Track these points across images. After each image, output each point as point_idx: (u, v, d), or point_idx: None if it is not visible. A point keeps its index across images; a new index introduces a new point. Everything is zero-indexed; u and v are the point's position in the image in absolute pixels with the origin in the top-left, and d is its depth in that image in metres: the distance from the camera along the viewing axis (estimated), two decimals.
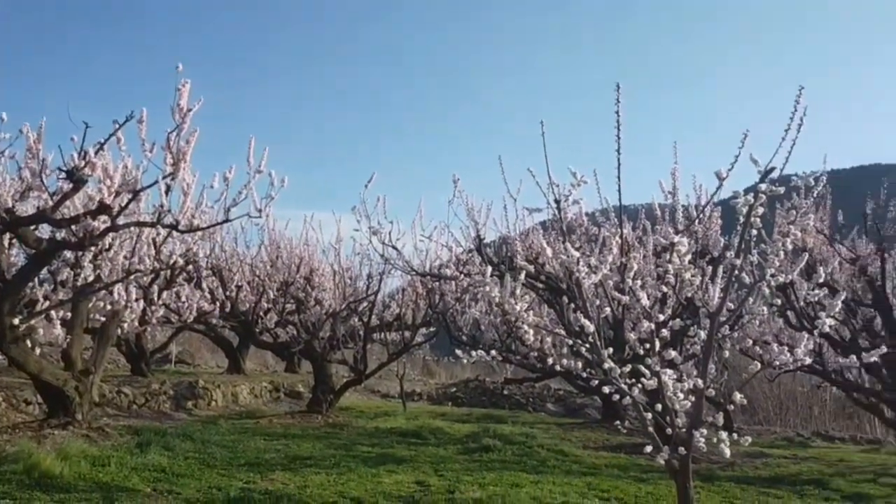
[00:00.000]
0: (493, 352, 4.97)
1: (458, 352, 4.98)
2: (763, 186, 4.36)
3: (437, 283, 10.73)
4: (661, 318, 4.86)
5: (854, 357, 4.59)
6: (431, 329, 12.32)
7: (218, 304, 11.35)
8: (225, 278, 12.02)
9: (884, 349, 4.77)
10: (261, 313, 12.24)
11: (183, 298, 10.67)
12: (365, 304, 11.19)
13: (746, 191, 4.59)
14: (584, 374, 5.20)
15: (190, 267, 10.29)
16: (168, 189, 6.49)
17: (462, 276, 9.19)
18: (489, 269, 5.02)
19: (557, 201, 5.59)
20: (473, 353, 4.90)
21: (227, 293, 11.91)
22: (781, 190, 4.43)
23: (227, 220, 7.10)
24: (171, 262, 8.37)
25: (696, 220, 7.00)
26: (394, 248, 9.30)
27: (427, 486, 5.75)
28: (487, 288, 4.87)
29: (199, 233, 8.16)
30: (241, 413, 10.44)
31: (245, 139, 6.75)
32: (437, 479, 6.06)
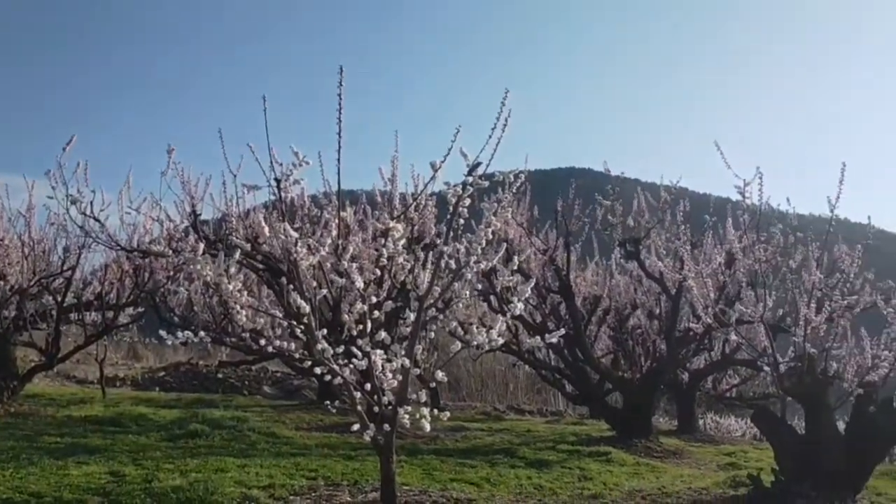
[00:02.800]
0: (203, 333, 4.72)
1: (163, 333, 4.66)
2: (470, 179, 4.69)
3: (147, 261, 9.98)
4: (375, 299, 5.01)
5: (539, 338, 5.11)
6: (139, 309, 11.45)
7: None
8: None
9: (563, 331, 5.37)
10: None
11: None
12: (60, 280, 10.04)
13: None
14: (297, 356, 5.20)
15: None
16: None
17: (173, 253, 8.63)
18: (201, 246, 4.79)
19: (278, 180, 5.50)
20: (180, 333, 4.64)
21: None
22: (486, 184, 4.80)
23: None
24: None
25: (412, 208, 7.32)
26: (96, 219, 8.44)
27: (122, 476, 5.34)
28: (199, 266, 4.64)
29: None
30: None
31: None
32: (135, 468, 5.66)
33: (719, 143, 6.43)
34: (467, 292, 5.31)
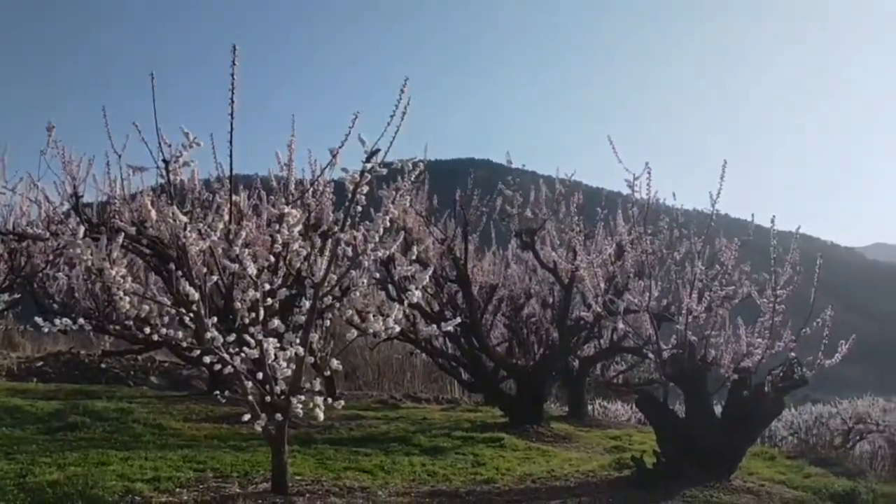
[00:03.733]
0: (83, 320, 4.49)
1: (39, 320, 4.39)
2: (368, 166, 4.66)
3: (24, 244, 9.38)
4: (268, 286, 4.90)
5: (435, 326, 5.15)
6: (14, 296, 10.76)
7: None
8: None
9: (459, 319, 5.42)
10: None
11: None
12: None
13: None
14: (185, 344, 5.04)
15: None
16: None
17: (51, 236, 8.15)
18: (82, 229, 4.55)
19: (166, 161, 5.28)
20: (58, 321, 4.39)
21: None
22: (384, 171, 4.77)
23: None
24: None
25: (310, 193, 7.20)
26: None
27: None
28: (79, 250, 4.41)
29: None
30: None
31: None
32: (7, 462, 5.32)
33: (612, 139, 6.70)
34: (364, 280, 5.28)
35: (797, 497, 5.84)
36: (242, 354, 4.72)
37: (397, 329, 5.02)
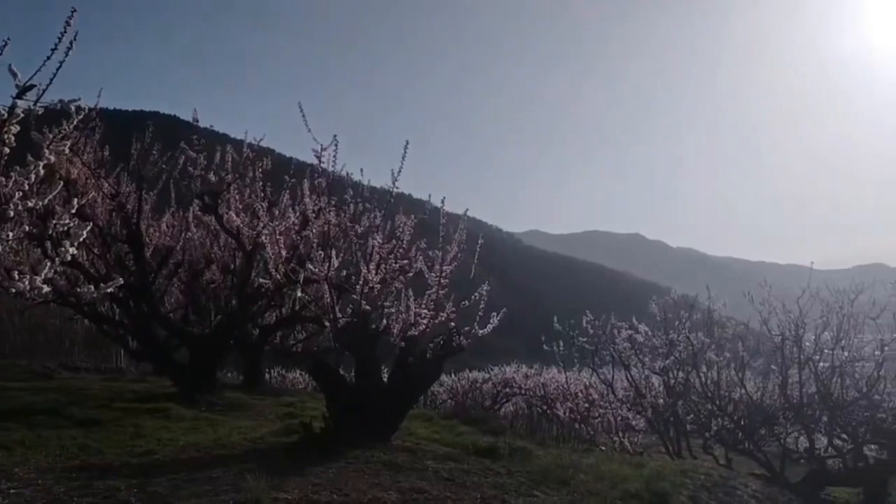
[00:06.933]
0: None
1: None
2: (20, 103, 4.07)
3: None
4: None
5: (93, 288, 4.71)
6: None
7: None
8: None
9: (121, 281, 5.01)
10: None
11: None
12: None
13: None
14: None
15: None
16: None
17: None
18: None
19: None
20: None
21: None
22: (41, 111, 4.21)
23: None
24: None
25: None
26: None
27: None
28: None
29: None
30: None
31: None
32: None
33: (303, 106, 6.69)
34: (11, 234, 4.63)
35: (448, 453, 6.43)
36: None
37: (46, 289, 4.49)
